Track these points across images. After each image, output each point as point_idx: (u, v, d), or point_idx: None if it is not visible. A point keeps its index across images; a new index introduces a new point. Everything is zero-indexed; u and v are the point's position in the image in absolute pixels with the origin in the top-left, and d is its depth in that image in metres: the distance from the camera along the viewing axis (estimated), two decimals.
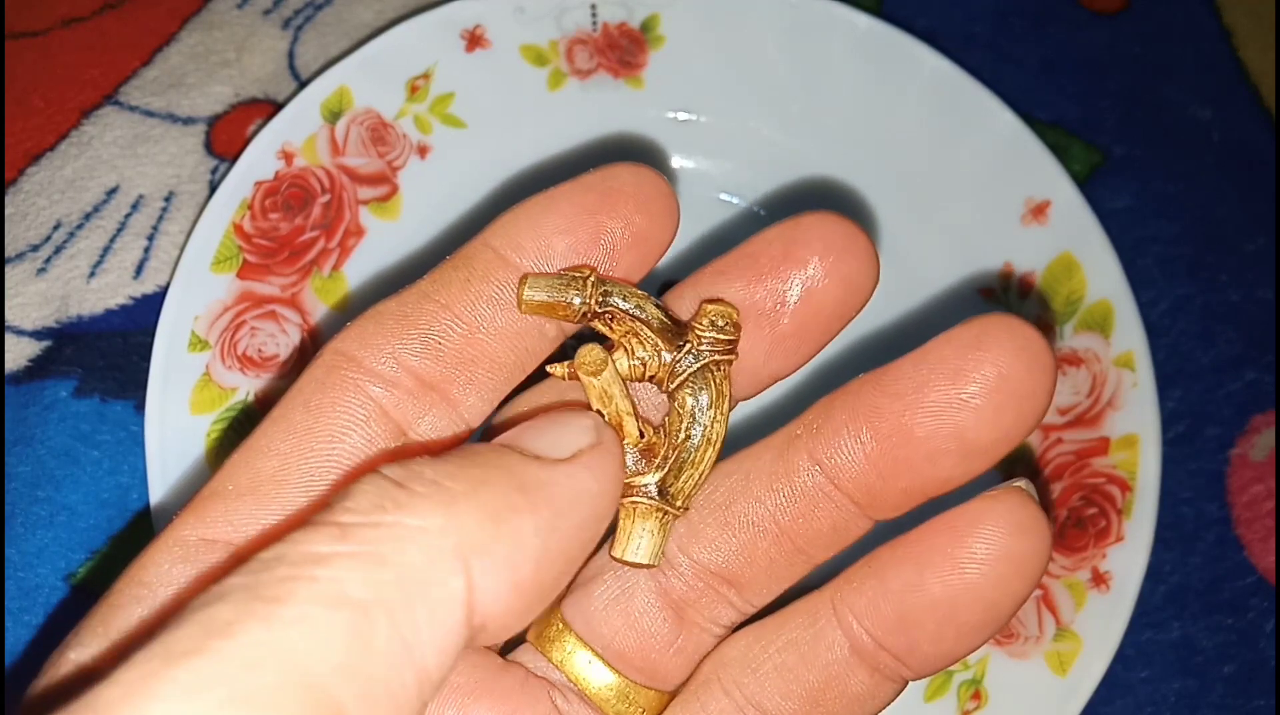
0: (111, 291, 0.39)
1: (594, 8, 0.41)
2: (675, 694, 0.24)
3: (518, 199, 0.23)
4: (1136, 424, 0.37)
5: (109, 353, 0.39)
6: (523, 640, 0.25)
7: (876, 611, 0.22)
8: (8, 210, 0.40)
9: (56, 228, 0.40)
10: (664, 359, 0.23)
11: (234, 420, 0.37)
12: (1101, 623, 0.36)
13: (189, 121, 0.42)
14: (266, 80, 0.43)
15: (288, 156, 0.39)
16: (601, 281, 0.22)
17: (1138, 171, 0.44)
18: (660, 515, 0.22)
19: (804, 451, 0.23)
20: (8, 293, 0.39)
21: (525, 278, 0.22)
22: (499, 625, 0.18)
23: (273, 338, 0.38)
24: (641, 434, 0.23)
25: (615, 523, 0.22)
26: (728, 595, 0.24)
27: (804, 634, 0.23)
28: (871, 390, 0.22)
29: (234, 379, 0.37)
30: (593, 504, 0.19)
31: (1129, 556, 0.36)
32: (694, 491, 0.23)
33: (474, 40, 0.41)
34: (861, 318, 0.24)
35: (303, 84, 0.43)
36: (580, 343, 0.23)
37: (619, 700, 0.23)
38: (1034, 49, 0.45)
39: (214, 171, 0.41)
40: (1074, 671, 0.35)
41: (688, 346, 0.23)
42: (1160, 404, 0.37)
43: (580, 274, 0.22)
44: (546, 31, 0.41)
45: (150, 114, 0.42)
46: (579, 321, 0.22)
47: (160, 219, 0.40)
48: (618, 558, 0.23)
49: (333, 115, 0.39)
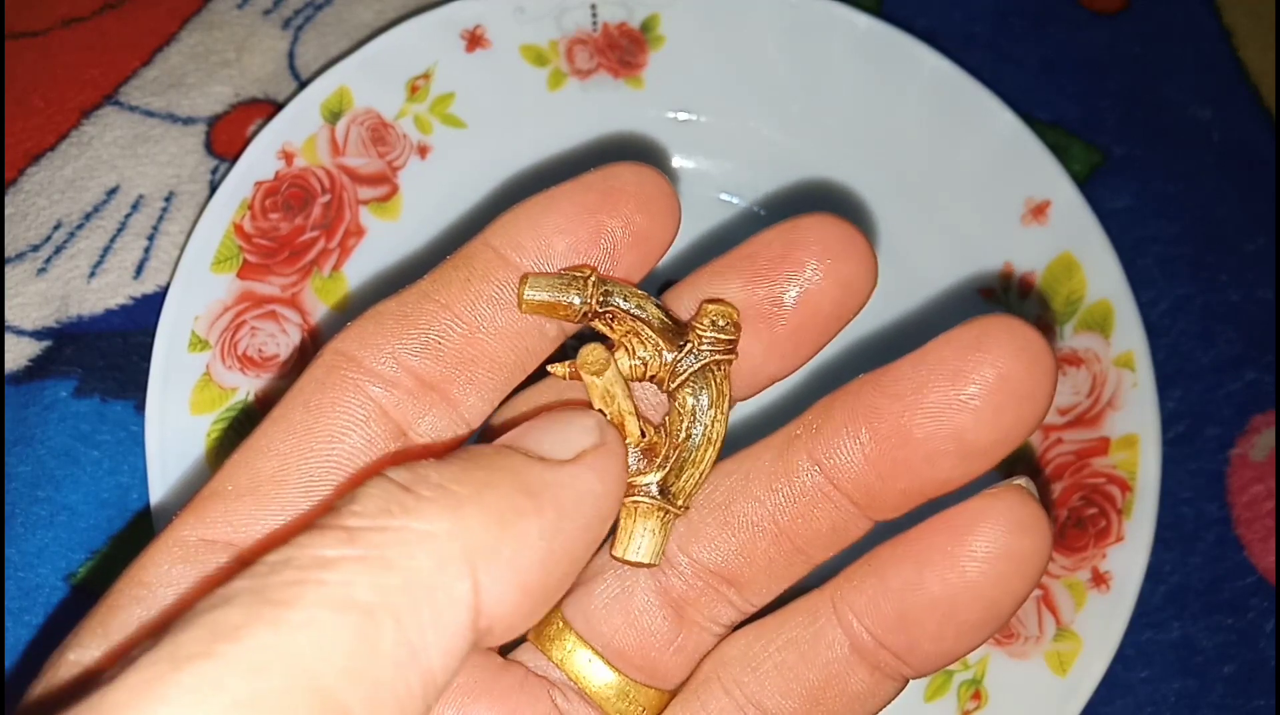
0: (111, 291, 0.39)
1: (594, 8, 0.41)
2: (675, 693, 0.24)
3: (518, 199, 0.23)
4: (1136, 424, 0.37)
5: (109, 353, 0.39)
6: (523, 639, 0.25)
7: (876, 610, 0.22)
8: (8, 210, 0.40)
9: (56, 228, 0.40)
10: (665, 359, 0.23)
11: (234, 420, 0.37)
12: (1101, 623, 0.36)
13: (189, 121, 0.42)
14: (266, 80, 0.43)
15: (288, 156, 0.39)
16: (602, 281, 0.22)
17: (1138, 171, 0.44)
18: (661, 514, 0.22)
19: (803, 452, 0.23)
20: (8, 293, 0.39)
21: (525, 277, 0.22)
22: (505, 628, 0.18)
23: (273, 338, 0.38)
24: (643, 433, 0.23)
25: (616, 521, 0.22)
26: (727, 594, 0.24)
27: (804, 632, 0.23)
28: (871, 391, 0.22)
29: (234, 379, 0.37)
30: (597, 505, 0.19)
31: (1129, 556, 0.36)
32: (694, 491, 0.23)
33: (474, 40, 0.41)
34: (861, 318, 0.24)
35: (303, 84, 0.43)
36: (580, 343, 0.23)
37: (619, 698, 0.23)
38: (1034, 49, 0.45)
39: (214, 171, 0.41)
40: (1074, 671, 0.35)
41: (689, 346, 0.23)
42: (1160, 404, 0.37)
43: (580, 274, 0.22)
44: (546, 31, 0.41)
45: (150, 114, 0.42)
46: (579, 321, 0.22)
47: (160, 219, 0.40)
48: (619, 557, 0.23)
49: (333, 115, 0.39)
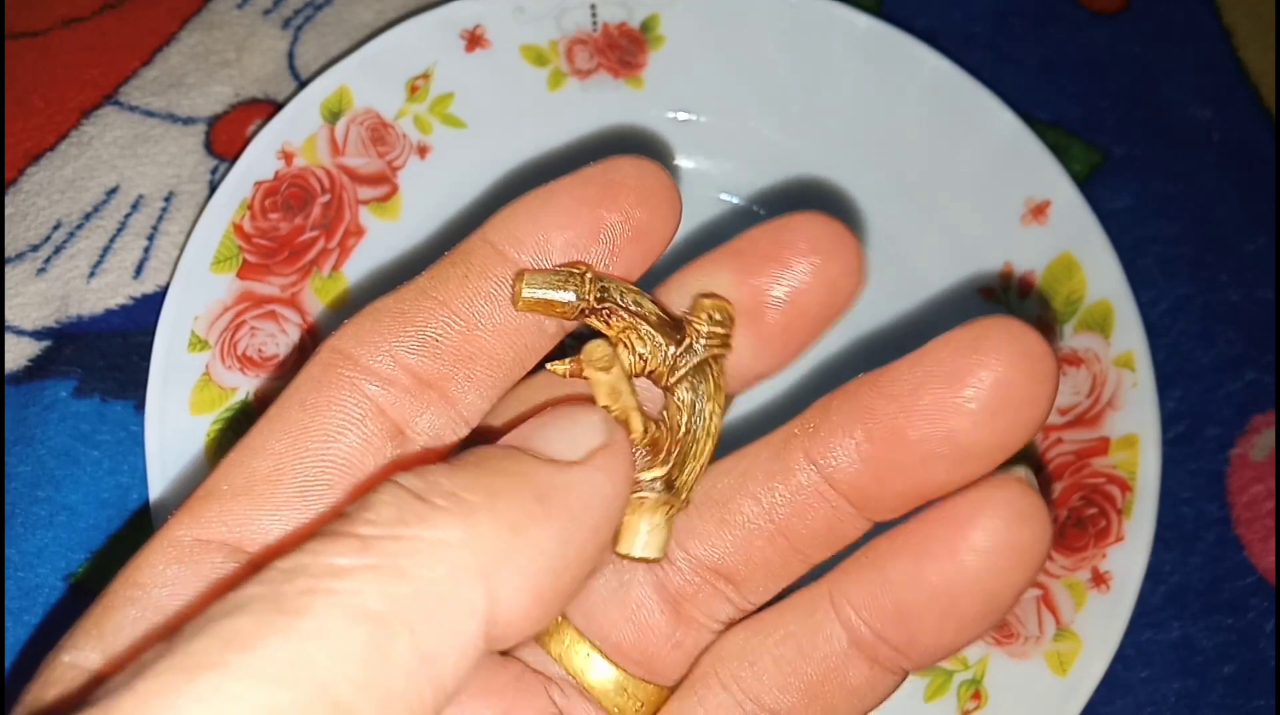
0: (111, 291, 0.39)
1: (594, 8, 0.41)
2: (674, 689, 0.24)
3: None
4: (1136, 424, 0.37)
5: (109, 353, 0.39)
6: None
7: (875, 603, 0.22)
8: (8, 210, 0.40)
9: (56, 228, 0.40)
10: (665, 354, 0.23)
11: (234, 420, 0.37)
12: (1101, 623, 0.35)
13: (189, 121, 0.42)
14: (266, 80, 0.43)
15: (288, 156, 0.39)
16: (598, 277, 0.22)
17: (1138, 171, 0.44)
18: (667, 509, 0.22)
19: (801, 451, 0.23)
20: (8, 293, 0.39)
21: (521, 274, 0.21)
22: (516, 633, 0.18)
23: (273, 338, 0.38)
24: (645, 429, 0.23)
25: None
26: (725, 591, 0.24)
27: (802, 627, 0.23)
28: (868, 391, 0.22)
29: (234, 379, 0.37)
30: (606, 506, 0.19)
31: (1129, 556, 0.36)
32: (694, 484, 0.23)
33: (474, 40, 0.41)
34: (861, 318, 0.24)
35: (303, 84, 0.43)
36: (579, 341, 0.23)
37: (617, 694, 0.23)
38: (1034, 49, 0.45)
39: (214, 171, 0.41)
40: (1074, 671, 0.35)
41: (686, 341, 0.23)
42: (1160, 404, 0.37)
43: (577, 270, 0.22)
44: (546, 31, 0.41)
45: (150, 114, 0.42)
46: (576, 318, 0.22)
47: (160, 219, 0.40)
48: (625, 554, 0.22)
49: (333, 115, 0.39)
